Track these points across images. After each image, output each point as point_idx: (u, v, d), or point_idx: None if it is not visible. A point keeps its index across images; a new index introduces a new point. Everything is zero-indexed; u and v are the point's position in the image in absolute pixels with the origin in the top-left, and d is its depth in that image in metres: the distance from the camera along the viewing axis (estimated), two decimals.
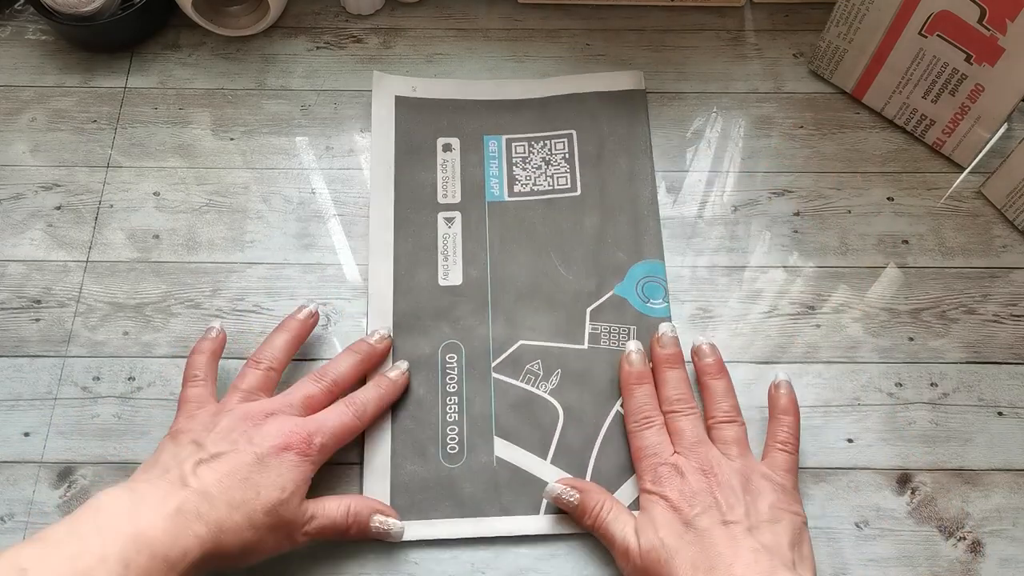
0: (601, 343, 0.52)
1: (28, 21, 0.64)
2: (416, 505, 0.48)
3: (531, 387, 0.51)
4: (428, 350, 0.52)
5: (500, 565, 0.47)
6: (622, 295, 0.54)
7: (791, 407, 0.48)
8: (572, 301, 0.53)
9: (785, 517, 0.44)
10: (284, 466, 0.43)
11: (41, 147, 0.59)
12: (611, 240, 0.55)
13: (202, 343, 0.50)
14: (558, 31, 0.64)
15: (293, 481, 0.43)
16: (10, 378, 0.52)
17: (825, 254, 0.56)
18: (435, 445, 0.50)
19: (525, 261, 0.55)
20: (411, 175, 0.57)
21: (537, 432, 0.50)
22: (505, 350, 0.52)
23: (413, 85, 0.61)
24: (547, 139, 0.59)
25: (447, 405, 0.51)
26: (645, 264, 0.54)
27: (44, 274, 0.55)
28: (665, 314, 0.53)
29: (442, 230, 0.56)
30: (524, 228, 0.56)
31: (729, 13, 0.65)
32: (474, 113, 0.60)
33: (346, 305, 0.54)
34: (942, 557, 0.47)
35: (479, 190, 0.57)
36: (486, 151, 0.58)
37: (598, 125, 0.59)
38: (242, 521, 0.40)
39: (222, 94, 0.61)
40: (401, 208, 0.56)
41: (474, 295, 0.54)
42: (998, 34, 0.50)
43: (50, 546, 0.36)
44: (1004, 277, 0.55)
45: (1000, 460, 0.50)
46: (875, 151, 0.59)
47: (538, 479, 0.49)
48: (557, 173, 0.57)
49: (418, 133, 0.59)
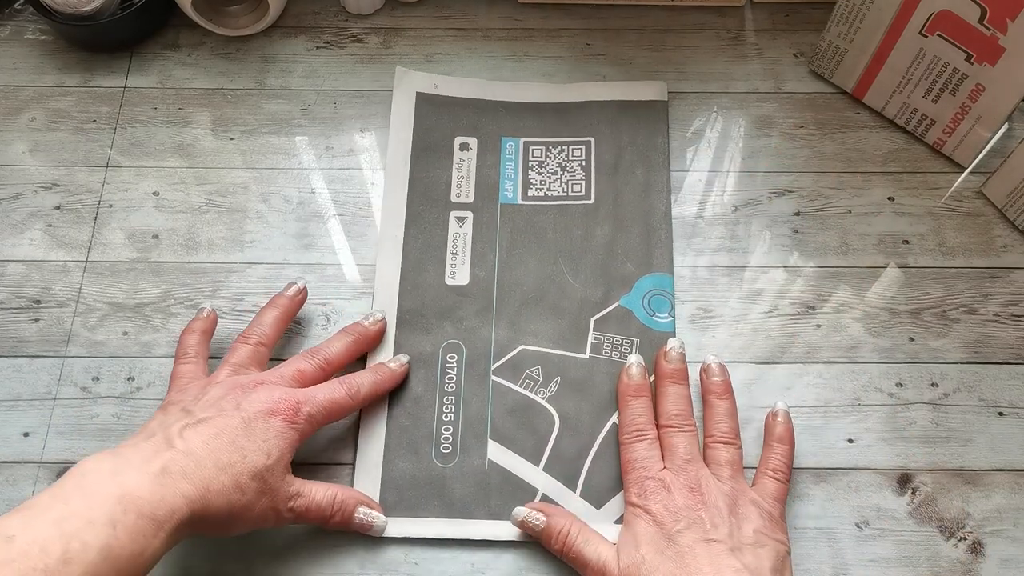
0: (603, 353, 0.52)
1: (27, 21, 0.64)
2: (405, 502, 0.48)
3: (529, 393, 0.51)
4: (429, 348, 0.52)
5: (500, 565, 0.47)
6: (628, 307, 0.53)
7: (787, 437, 0.48)
8: (577, 309, 0.53)
9: (769, 543, 0.43)
10: (271, 431, 0.43)
11: (40, 147, 0.59)
12: (621, 251, 0.55)
13: (193, 323, 0.50)
14: (558, 31, 0.64)
15: (279, 447, 0.43)
16: (9, 378, 0.52)
17: (825, 254, 0.56)
18: (429, 444, 0.50)
19: (533, 266, 0.55)
20: (427, 172, 0.57)
21: (532, 438, 0.50)
22: (506, 354, 0.52)
23: (435, 82, 0.60)
24: (565, 145, 0.58)
25: (444, 405, 0.51)
26: (654, 277, 0.54)
27: (43, 274, 0.55)
28: (670, 328, 0.52)
29: (453, 229, 0.56)
30: (534, 232, 0.56)
31: (729, 13, 0.65)
32: (494, 114, 0.60)
33: (346, 305, 0.54)
34: (943, 557, 0.47)
35: (493, 191, 0.57)
36: (503, 153, 0.58)
37: (618, 134, 0.59)
38: (229, 483, 0.40)
39: (222, 94, 0.61)
40: (414, 204, 0.56)
41: (479, 296, 0.54)
42: (999, 34, 0.50)
43: (36, 512, 0.36)
44: (1005, 277, 0.55)
45: (1001, 460, 0.50)
46: (876, 151, 0.59)
47: (529, 485, 0.49)
48: (572, 180, 0.57)
49: (437, 130, 0.59)
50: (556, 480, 0.49)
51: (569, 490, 0.48)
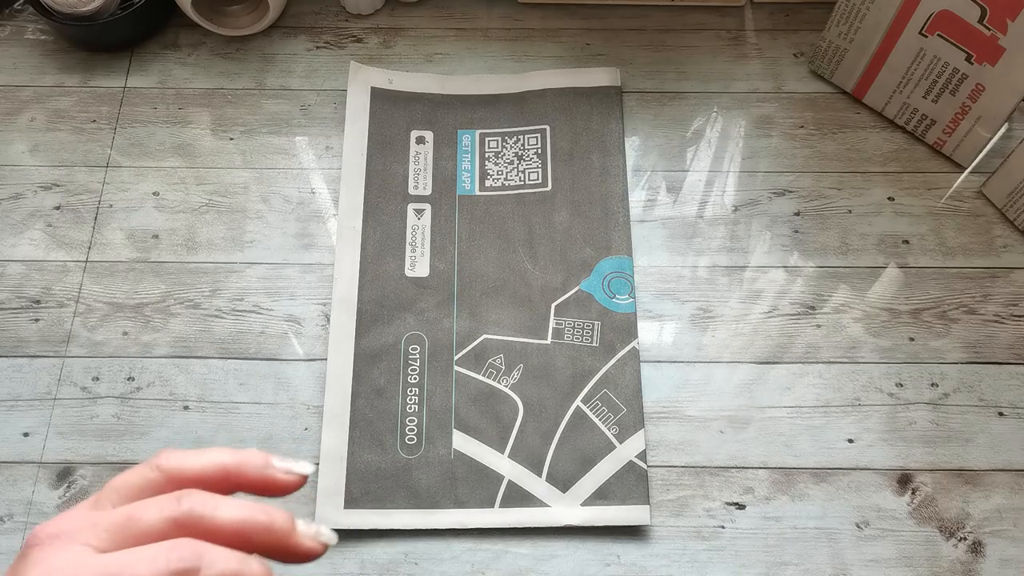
0: (564, 338, 0.52)
1: (27, 21, 0.64)
2: (371, 494, 0.48)
3: (492, 381, 0.51)
4: (391, 340, 0.52)
5: (500, 565, 0.47)
6: (588, 291, 0.54)
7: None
8: (538, 296, 0.54)
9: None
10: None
11: (40, 147, 0.59)
12: (580, 236, 0.55)
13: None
14: (558, 31, 0.64)
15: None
16: (10, 378, 0.52)
17: (825, 254, 0.56)
18: (393, 436, 0.50)
19: (493, 256, 0.55)
20: (383, 165, 0.58)
21: (496, 426, 0.50)
22: (468, 344, 0.52)
23: (390, 77, 0.61)
24: (520, 134, 0.59)
25: (408, 396, 0.51)
26: (613, 260, 0.54)
27: (43, 274, 0.55)
28: (631, 309, 0.53)
29: (411, 221, 0.56)
30: (493, 222, 0.56)
31: (729, 13, 0.65)
32: (449, 108, 0.60)
33: None
34: (943, 557, 0.47)
35: (450, 183, 0.57)
36: (459, 145, 0.59)
37: (572, 120, 0.59)
38: None
39: (222, 94, 0.61)
40: (371, 197, 0.57)
41: (440, 287, 0.54)
42: (999, 34, 0.50)
43: None
44: (1005, 277, 0.55)
45: (1001, 460, 0.50)
46: (876, 151, 0.59)
47: (495, 473, 0.49)
48: (529, 168, 0.58)
49: (392, 124, 0.59)
50: (522, 466, 0.49)
51: (535, 475, 0.49)
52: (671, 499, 0.49)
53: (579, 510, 0.48)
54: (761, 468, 0.50)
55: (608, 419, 0.50)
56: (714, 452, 0.50)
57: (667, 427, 0.51)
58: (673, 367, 0.52)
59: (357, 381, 0.51)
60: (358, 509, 0.48)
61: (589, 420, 0.50)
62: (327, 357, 0.52)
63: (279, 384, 0.52)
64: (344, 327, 0.52)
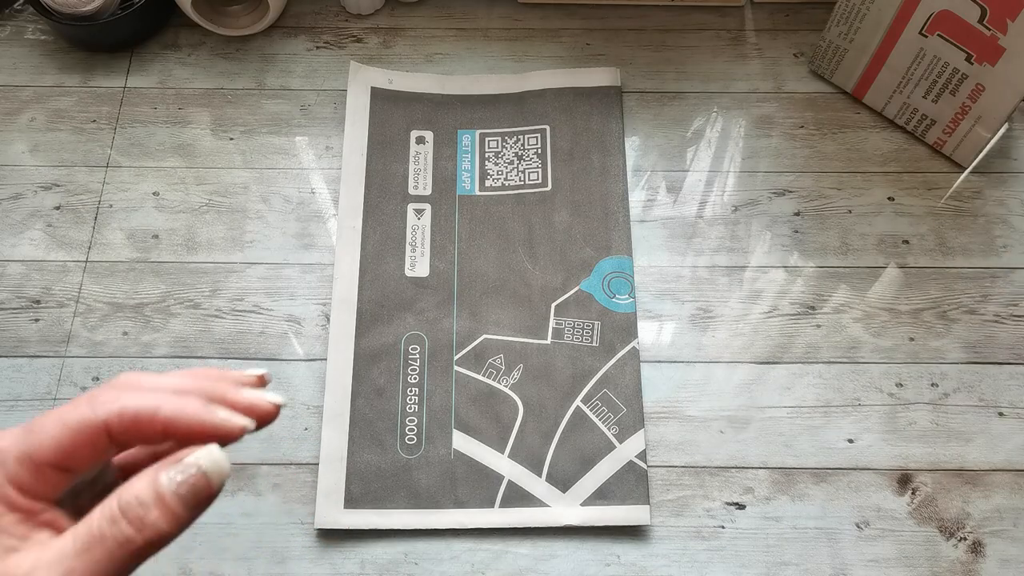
0: (564, 338, 0.52)
1: (27, 21, 0.64)
2: (371, 494, 0.48)
3: (492, 381, 0.51)
4: (391, 340, 0.52)
5: (500, 566, 0.47)
6: (588, 290, 0.54)
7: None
8: (538, 296, 0.54)
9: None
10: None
11: (40, 147, 0.59)
12: (580, 236, 0.55)
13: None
14: (558, 31, 0.64)
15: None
16: (10, 378, 0.52)
17: (825, 254, 0.56)
18: (393, 435, 0.50)
19: (493, 256, 0.55)
20: (383, 165, 0.58)
21: (496, 426, 0.50)
22: (468, 344, 0.52)
23: (390, 77, 0.61)
24: (521, 134, 0.59)
25: (407, 396, 0.51)
26: (613, 260, 0.55)
27: (43, 274, 0.55)
28: (631, 309, 0.53)
29: (411, 221, 0.56)
30: (493, 223, 0.56)
31: (729, 13, 0.65)
32: (449, 108, 0.60)
33: None
34: (943, 557, 0.47)
35: (450, 183, 0.57)
36: (459, 145, 0.59)
37: (572, 120, 0.59)
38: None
39: (222, 94, 0.61)
40: (371, 197, 0.57)
41: (440, 287, 0.54)
42: (999, 34, 0.50)
43: None
44: (1004, 277, 0.55)
45: (1001, 460, 0.50)
46: (876, 151, 0.59)
47: (495, 473, 0.49)
48: (529, 168, 0.58)
49: (392, 125, 0.59)
50: (521, 466, 0.49)
51: (535, 475, 0.49)
52: (671, 499, 0.49)
53: (579, 510, 0.48)
54: (761, 468, 0.50)
55: (608, 419, 0.50)
56: (714, 452, 0.50)
57: (667, 427, 0.51)
58: (673, 367, 0.52)
59: (357, 381, 0.51)
60: (358, 509, 0.48)
61: (589, 420, 0.50)
62: (327, 357, 0.52)
63: (279, 384, 0.52)
64: (344, 327, 0.52)
